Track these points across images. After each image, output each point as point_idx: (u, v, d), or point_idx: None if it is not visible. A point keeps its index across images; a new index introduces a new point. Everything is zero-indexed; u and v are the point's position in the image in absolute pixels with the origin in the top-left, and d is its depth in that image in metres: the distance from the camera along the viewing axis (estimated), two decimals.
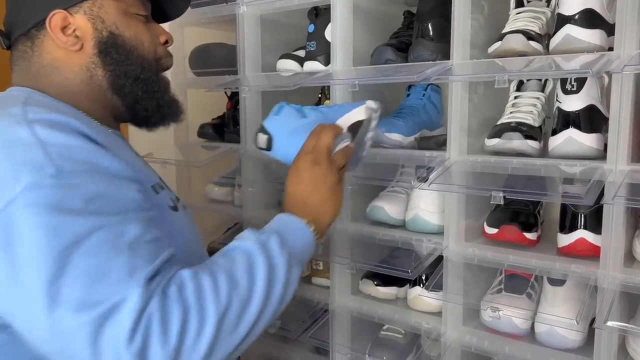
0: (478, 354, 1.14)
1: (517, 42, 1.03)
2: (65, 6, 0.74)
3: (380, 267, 1.14)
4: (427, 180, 1.07)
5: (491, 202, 0.96)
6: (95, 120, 0.77)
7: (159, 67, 0.83)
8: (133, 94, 0.80)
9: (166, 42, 0.85)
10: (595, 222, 1.00)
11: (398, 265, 1.13)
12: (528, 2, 1.13)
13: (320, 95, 1.46)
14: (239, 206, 1.54)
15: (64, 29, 0.75)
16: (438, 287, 1.14)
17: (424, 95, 1.32)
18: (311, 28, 1.35)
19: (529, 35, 1.03)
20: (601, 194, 0.90)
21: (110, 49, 0.77)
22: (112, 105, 0.80)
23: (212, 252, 1.75)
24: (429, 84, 1.32)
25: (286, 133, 0.89)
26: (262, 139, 0.90)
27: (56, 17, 0.74)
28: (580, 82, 1.02)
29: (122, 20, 0.78)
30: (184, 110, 0.89)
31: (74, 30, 0.75)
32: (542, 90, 1.16)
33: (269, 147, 0.90)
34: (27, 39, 0.76)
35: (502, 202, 0.95)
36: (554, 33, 1.01)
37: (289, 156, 0.84)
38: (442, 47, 1.15)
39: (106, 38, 0.77)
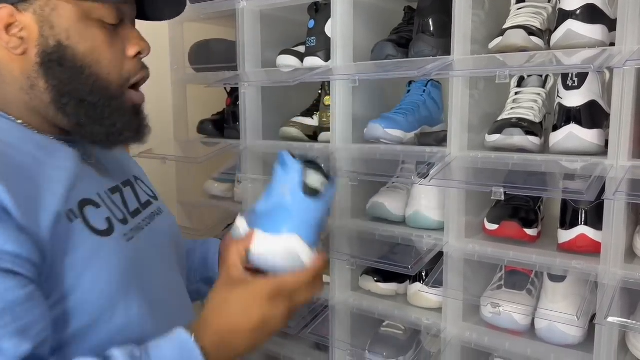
0: (478, 350, 1.14)
1: (518, 37, 1.03)
2: (14, 1, 0.64)
3: (380, 263, 1.14)
4: (427, 176, 1.07)
5: (492, 198, 0.96)
6: (33, 128, 0.68)
7: (121, 89, 0.70)
8: (76, 117, 0.68)
9: (138, 54, 0.72)
10: (595, 218, 1.00)
11: (398, 261, 1.13)
12: None
13: (320, 92, 1.45)
14: (239, 202, 1.54)
15: (8, 26, 0.64)
16: (438, 283, 1.14)
17: (424, 91, 1.32)
18: (311, 24, 1.35)
19: (530, 31, 1.03)
20: (602, 190, 0.90)
21: (53, 62, 0.65)
22: (56, 120, 0.69)
23: None
24: (429, 80, 1.32)
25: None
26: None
27: (1, 12, 0.64)
28: (582, 77, 1.01)
29: (77, 29, 0.66)
30: (147, 132, 0.76)
31: (20, 30, 0.64)
32: (543, 86, 1.16)
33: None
34: None
35: (502, 198, 0.95)
36: (555, 28, 1.01)
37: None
38: (443, 43, 1.15)
39: (52, 48, 0.65)
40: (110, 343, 0.64)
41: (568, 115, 1.01)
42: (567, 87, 1.03)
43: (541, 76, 1.17)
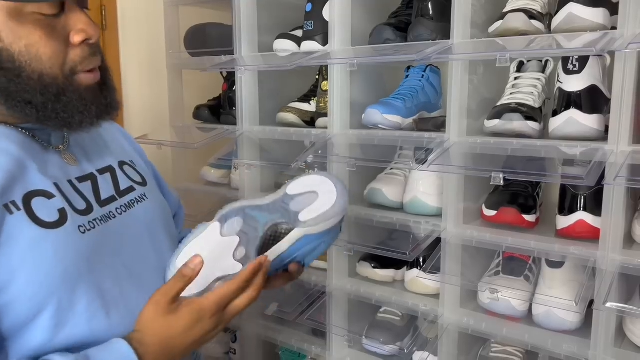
0: (475, 336, 1.15)
1: (518, 21, 1.01)
2: None
3: (378, 249, 1.14)
4: (425, 161, 1.06)
5: (491, 184, 0.95)
6: None
7: (68, 80, 0.65)
8: (28, 116, 0.65)
9: (85, 40, 0.65)
10: (594, 204, 1.00)
11: (396, 248, 1.12)
12: None
13: (317, 77, 1.44)
14: (235, 189, 1.53)
15: None
16: (436, 269, 1.14)
17: (422, 76, 1.31)
18: (308, 7, 1.33)
19: (530, 14, 1.02)
20: (602, 176, 0.89)
21: None
22: (13, 117, 0.66)
23: None
24: (428, 65, 1.30)
25: None
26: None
27: None
28: (582, 62, 1.00)
29: (9, 28, 0.60)
30: (113, 108, 0.72)
31: None
32: (543, 71, 1.14)
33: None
34: None
35: (502, 183, 0.94)
36: (556, 12, 0.99)
37: None
38: (442, 27, 1.13)
39: None
40: (51, 340, 0.62)
41: (568, 100, 1.00)
42: (567, 72, 1.02)
43: (541, 61, 1.16)
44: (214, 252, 0.75)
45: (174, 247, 0.81)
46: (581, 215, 1.00)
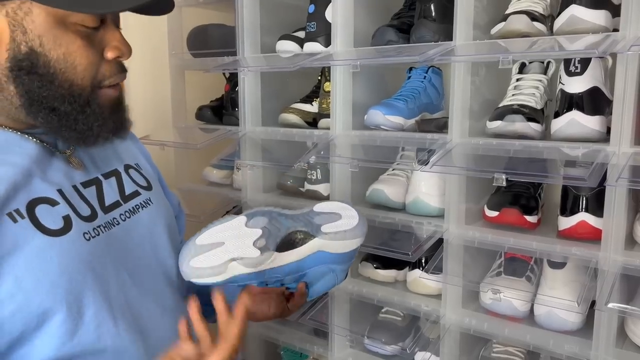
0: (476, 336, 1.15)
1: (520, 22, 1.02)
2: None
3: (380, 250, 1.14)
4: (428, 162, 1.06)
5: (493, 184, 0.96)
6: None
7: (95, 92, 0.67)
8: (48, 124, 0.65)
9: (117, 57, 0.68)
10: (596, 205, 1.00)
11: (398, 248, 1.13)
12: None
13: (319, 78, 1.44)
14: (237, 189, 1.53)
15: None
16: (438, 269, 1.14)
17: (424, 77, 1.31)
18: (311, 8, 1.33)
19: (532, 16, 1.02)
20: (603, 177, 0.90)
21: (23, 70, 0.62)
22: (27, 121, 0.67)
23: None
24: (430, 66, 1.31)
25: None
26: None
27: None
28: (584, 63, 1.01)
29: (52, 35, 0.62)
30: (126, 127, 0.73)
31: None
32: (545, 73, 1.15)
33: None
34: None
35: (504, 184, 0.95)
36: (558, 14, 1.00)
37: None
38: (445, 28, 1.14)
39: (23, 55, 0.61)
40: (62, 348, 0.62)
41: (570, 102, 1.00)
42: (569, 74, 1.02)
43: (542, 62, 1.16)
44: (235, 236, 0.77)
45: (176, 254, 0.80)
46: (583, 216, 1.01)
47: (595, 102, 0.99)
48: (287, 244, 0.80)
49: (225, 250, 0.75)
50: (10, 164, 0.64)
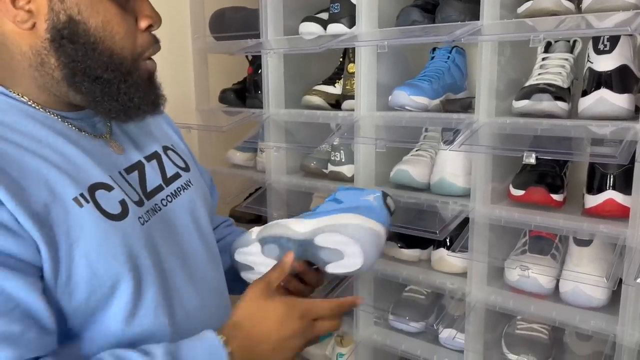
0: (501, 313, 1.17)
1: (549, 1, 1.02)
2: None
3: (407, 229, 1.15)
4: (453, 142, 1.07)
5: (523, 163, 0.96)
6: (39, 106, 0.66)
7: (135, 63, 0.67)
8: (91, 94, 0.65)
9: (149, 26, 0.68)
10: (624, 183, 1.01)
11: (424, 227, 1.14)
12: None
13: (341, 59, 1.45)
14: (261, 171, 1.55)
15: None
16: (463, 248, 1.16)
17: (448, 57, 1.31)
18: None
19: None
20: (633, 154, 0.90)
21: (65, 39, 0.62)
22: (68, 96, 0.66)
23: (233, 217, 1.75)
24: (453, 47, 1.31)
25: None
26: None
27: None
28: (613, 41, 1.01)
29: (88, 2, 0.62)
30: (163, 102, 0.73)
31: (28, 3, 0.61)
32: (571, 52, 1.15)
33: None
34: None
35: (534, 162, 0.96)
36: None
37: None
38: (470, 8, 1.14)
39: (62, 24, 0.61)
40: (125, 330, 0.63)
41: (599, 80, 1.00)
42: (598, 52, 1.02)
43: (568, 41, 1.16)
44: (254, 263, 0.85)
45: (208, 234, 0.82)
46: (610, 194, 1.01)
47: (624, 80, 1.00)
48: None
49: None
50: (60, 153, 0.64)
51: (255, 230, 0.87)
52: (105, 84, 0.65)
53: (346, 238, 0.77)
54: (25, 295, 0.55)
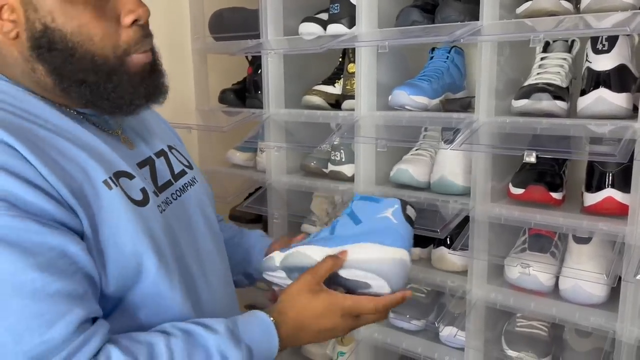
0: (501, 311, 1.18)
1: (548, 1, 1.03)
2: None
3: None
4: (454, 141, 1.08)
5: (524, 161, 0.98)
6: (50, 102, 0.67)
7: (119, 61, 0.66)
8: (82, 97, 0.66)
9: (135, 21, 0.66)
10: (622, 181, 1.02)
11: (425, 226, 1.15)
12: None
13: (341, 59, 1.45)
14: (261, 171, 1.56)
15: (0, 9, 0.62)
16: (464, 247, 1.17)
17: (447, 57, 1.32)
18: None
19: None
20: (632, 153, 0.91)
21: (43, 48, 0.63)
22: (65, 100, 0.68)
23: (233, 217, 1.75)
24: (452, 47, 1.32)
25: None
26: None
27: None
28: (612, 41, 1.02)
29: (62, 9, 0.62)
30: (162, 91, 0.73)
31: (11, 13, 0.62)
32: (569, 51, 1.16)
33: None
34: None
35: (534, 161, 0.97)
36: None
37: None
38: (470, 8, 1.14)
39: (39, 32, 0.62)
40: (156, 316, 0.65)
41: (597, 79, 1.01)
42: (596, 51, 1.03)
43: (567, 41, 1.17)
44: (285, 284, 0.83)
45: (211, 228, 0.83)
46: (609, 192, 1.03)
47: (622, 79, 1.01)
48: None
49: None
50: (85, 141, 0.66)
51: (277, 257, 0.83)
52: (92, 86, 0.66)
53: (370, 274, 0.78)
54: (84, 260, 0.59)
